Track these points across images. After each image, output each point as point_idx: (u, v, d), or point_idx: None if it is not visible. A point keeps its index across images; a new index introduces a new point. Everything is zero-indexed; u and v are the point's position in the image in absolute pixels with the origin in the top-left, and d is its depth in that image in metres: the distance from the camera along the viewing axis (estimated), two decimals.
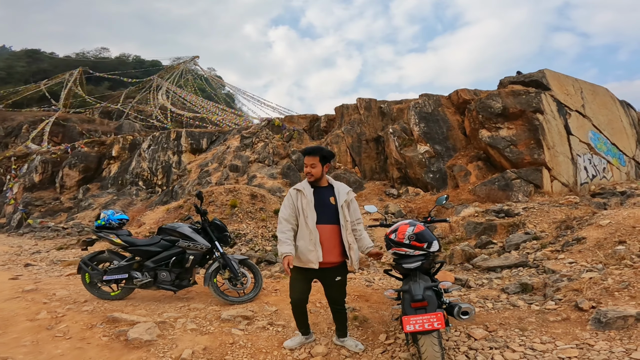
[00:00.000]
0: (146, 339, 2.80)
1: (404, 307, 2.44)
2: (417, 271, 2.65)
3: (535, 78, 10.69)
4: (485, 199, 8.71)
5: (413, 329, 2.26)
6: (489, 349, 2.68)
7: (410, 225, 2.78)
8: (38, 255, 8.36)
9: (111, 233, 4.10)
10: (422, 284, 2.48)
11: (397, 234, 2.74)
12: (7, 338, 3.00)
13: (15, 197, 17.37)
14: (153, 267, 3.92)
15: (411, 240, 2.67)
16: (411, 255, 2.68)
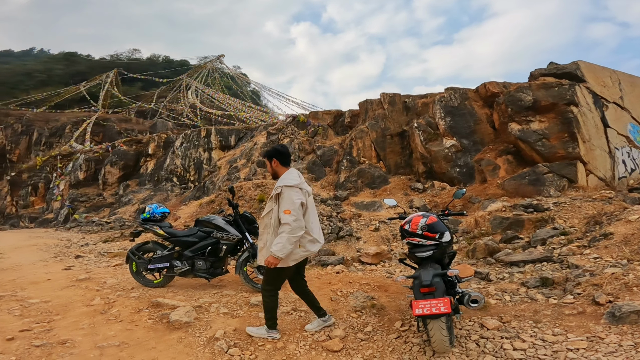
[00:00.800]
0: (185, 320, 3.16)
1: (414, 292, 2.64)
2: (429, 260, 2.83)
3: (569, 70, 10.29)
4: (514, 194, 8.56)
5: (421, 313, 2.46)
6: (500, 338, 2.81)
7: (424, 216, 2.97)
8: (86, 248, 9.15)
9: (155, 225, 4.53)
10: (431, 271, 2.68)
11: (410, 225, 2.95)
12: (67, 322, 3.44)
13: (62, 194, 18.78)
14: (191, 256, 4.32)
15: (423, 230, 2.87)
16: (423, 244, 2.87)
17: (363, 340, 3.03)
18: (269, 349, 2.81)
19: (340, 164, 13.77)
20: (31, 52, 74.51)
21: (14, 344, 2.93)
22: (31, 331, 3.18)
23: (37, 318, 3.51)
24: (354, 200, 11.45)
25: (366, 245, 7.76)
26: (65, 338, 3.00)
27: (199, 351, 2.71)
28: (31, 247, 9.76)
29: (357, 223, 9.07)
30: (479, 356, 2.63)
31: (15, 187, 21.49)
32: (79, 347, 2.83)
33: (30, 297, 4.27)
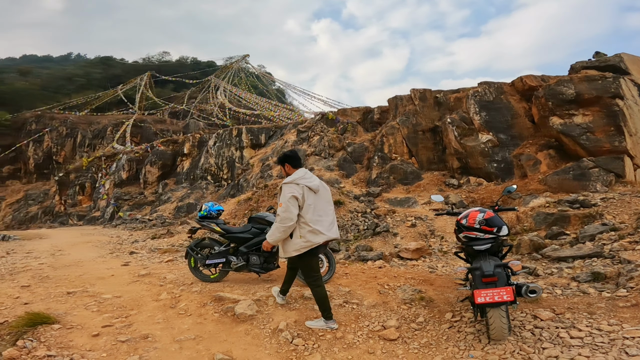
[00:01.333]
0: (249, 313, 3.41)
1: (475, 282, 2.79)
2: (486, 253, 2.95)
3: (612, 62, 9.91)
4: (557, 189, 8.35)
5: (484, 301, 2.60)
6: (555, 328, 2.91)
7: (480, 211, 3.10)
8: (137, 244, 9.77)
9: (212, 222, 4.85)
10: (492, 262, 2.82)
11: (467, 220, 3.08)
12: (143, 316, 3.70)
13: (107, 193, 19.98)
14: (246, 252, 4.59)
15: (481, 225, 3.00)
16: (481, 238, 2.99)
17: (417, 330, 3.18)
18: (329, 339, 3.01)
19: (371, 160, 13.83)
20: (69, 57, 79.08)
21: (101, 340, 3.12)
22: (113, 326, 3.40)
23: (115, 313, 3.80)
24: (387, 197, 11.50)
25: (403, 241, 7.84)
26: (146, 333, 3.22)
27: (266, 342, 2.95)
28: (86, 243, 10.51)
29: (393, 219, 9.14)
30: (535, 343, 2.75)
31: (63, 187, 23.02)
32: (160, 342, 3.05)
33: (101, 293, 4.60)
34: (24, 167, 29.32)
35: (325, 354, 2.81)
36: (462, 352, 2.81)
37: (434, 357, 2.79)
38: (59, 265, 6.90)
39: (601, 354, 2.49)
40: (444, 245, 7.11)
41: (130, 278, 5.51)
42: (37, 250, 9.27)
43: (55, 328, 3.40)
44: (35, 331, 3.37)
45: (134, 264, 7.01)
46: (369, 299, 3.83)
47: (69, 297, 4.52)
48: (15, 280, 5.66)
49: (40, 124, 30.11)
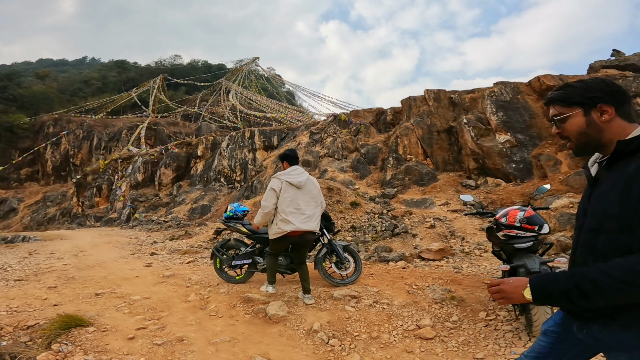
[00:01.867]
0: (281, 314, 3.44)
1: None
2: (527, 250, 2.94)
3: (632, 62, 9.76)
4: (580, 190, 8.19)
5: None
6: None
7: (521, 210, 3.11)
8: (156, 245, 9.91)
9: (238, 223, 4.89)
10: (536, 259, 2.81)
11: (507, 218, 3.07)
12: (175, 318, 3.69)
13: (124, 195, 20.31)
14: None
15: (522, 223, 2.99)
16: (522, 236, 2.98)
17: (452, 328, 3.18)
18: (365, 339, 3.02)
19: (385, 161, 13.78)
20: (84, 60, 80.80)
21: (137, 343, 3.11)
22: (146, 329, 3.41)
23: (146, 315, 3.81)
24: (403, 198, 11.44)
25: (423, 242, 7.79)
26: (180, 335, 3.21)
27: (302, 343, 2.96)
28: (107, 244, 10.70)
29: (410, 220, 9.09)
30: None
31: (80, 189, 23.46)
32: (195, 344, 3.05)
33: (130, 294, 4.63)
34: (42, 170, 30.00)
35: (363, 354, 2.82)
36: (503, 350, 2.81)
37: (475, 355, 2.79)
38: (82, 266, 7.03)
39: None
40: (465, 246, 7.04)
41: (155, 279, 5.58)
42: (59, 250, 9.46)
43: (90, 331, 3.39)
44: (70, 334, 3.36)
45: (156, 264, 7.10)
46: (398, 299, 3.82)
47: (97, 299, 4.57)
48: (41, 281, 5.75)
49: (58, 127, 30.78)
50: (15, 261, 7.77)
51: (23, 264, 7.42)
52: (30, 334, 3.60)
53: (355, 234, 8.89)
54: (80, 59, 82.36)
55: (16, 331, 3.68)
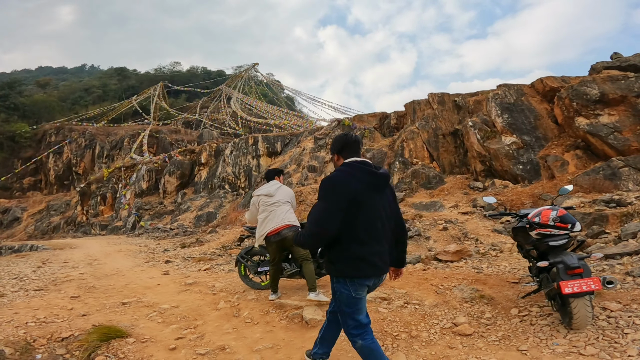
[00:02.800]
0: (318, 318, 3.50)
1: (559, 274, 2.90)
2: (561, 248, 3.09)
3: (633, 62, 9.94)
4: (589, 189, 8.33)
5: (572, 291, 2.74)
6: (628, 317, 3.02)
7: (553, 209, 3.23)
8: (168, 253, 9.94)
9: None
10: (575, 255, 2.96)
11: (541, 217, 3.18)
12: (211, 326, 3.68)
13: (129, 203, 20.32)
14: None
15: (555, 222, 3.11)
16: (556, 234, 3.10)
17: (488, 325, 3.27)
18: (405, 338, 3.09)
19: (392, 165, 13.89)
20: (83, 68, 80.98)
21: (180, 354, 3.09)
22: (185, 338, 3.40)
23: (181, 324, 3.80)
24: (411, 201, 11.53)
25: (437, 244, 7.88)
26: (221, 344, 3.21)
27: (345, 345, 3.01)
28: (118, 252, 10.72)
29: (422, 223, 9.18)
30: (615, 329, 2.88)
31: (85, 198, 23.47)
32: (239, 352, 3.04)
33: (157, 303, 4.62)
34: (45, 179, 29.98)
35: (408, 352, 2.89)
36: (544, 342, 2.90)
37: (518, 347, 2.88)
38: (100, 275, 7.04)
39: None
40: (480, 247, 7.13)
41: (178, 287, 5.60)
42: (72, 259, 9.47)
43: (130, 342, 3.37)
44: (110, 346, 3.34)
45: (173, 272, 7.12)
46: (428, 299, 3.90)
47: (126, 308, 4.56)
48: (61, 290, 5.73)
49: (60, 136, 30.82)
50: (29, 270, 7.76)
51: (39, 273, 7.41)
52: (66, 346, 3.57)
53: None
54: (80, 66, 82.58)
55: (50, 343, 3.64)
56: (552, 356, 2.71)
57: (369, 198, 2.15)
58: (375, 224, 2.16)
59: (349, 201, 2.09)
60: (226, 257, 8.67)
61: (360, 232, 2.13)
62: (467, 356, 2.80)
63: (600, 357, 2.59)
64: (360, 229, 2.13)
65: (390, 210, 2.30)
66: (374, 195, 2.18)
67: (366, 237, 2.13)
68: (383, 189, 2.26)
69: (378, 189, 2.21)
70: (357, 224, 2.12)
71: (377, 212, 2.18)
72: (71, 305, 4.78)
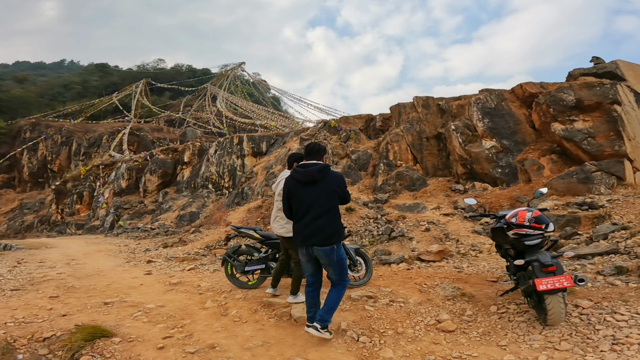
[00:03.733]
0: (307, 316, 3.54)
1: (535, 272, 3.08)
2: (536, 247, 3.28)
3: (609, 69, 10.39)
4: (563, 192, 8.70)
5: (545, 288, 2.92)
6: (599, 314, 3.20)
7: (529, 211, 3.41)
8: (150, 253, 9.76)
9: (250, 229, 4.97)
10: (548, 254, 3.14)
11: (517, 218, 3.35)
12: (200, 325, 3.66)
13: (107, 202, 19.79)
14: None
15: (531, 222, 3.30)
16: (531, 234, 3.28)
17: (470, 321, 3.42)
18: (392, 335, 3.19)
19: (376, 167, 14.07)
20: (62, 63, 78.13)
21: (169, 353, 3.05)
22: (174, 337, 3.36)
23: (168, 323, 3.76)
24: (395, 203, 11.73)
25: (420, 245, 8.07)
26: (211, 342, 3.19)
27: (335, 342, 3.09)
28: (98, 252, 10.45)
29: (405, 224, 9.36)
30: (587, 326, 3.05)
31: (60, 196, 22.69)
32: (230, 350, 3.04)
33: (142, 303, 4.55)
34: (19, 176, 28.80)
35: (395, 348, 2.98)
36: (521, 337, 3.06)
37: (498, 343, 3.02)
38: (80, 275, 6.87)
39: None
40: (461, 248, 7.35)
41: (163, 287, 5.52)
42: (49, 259, 9.18)
43: (116, 342, 3.32)
44: (95, 345, 3.28)
45: (156, 272, 7.02)
46: (413, 297, 4.02)
47: (109, 308, 4.48)
48: (39, 290, 5.56)
49: (36, 132, 29.69)
50: (5, 270, 7.49)
51: (14, 272, 7.17)
52: (48, 346, 3.51)
53: (353, 239, 9.07)
54: (59, 62, 79.68)
55: (31, 343, 3.56)
56: (530, 351, 2.85)
57: (296, 190, 3.25)
58: (299, 208, 3.23)
59: (286, 194, 3.33)
60: (211, 257, 8.60)
61: (293, 214, 3.32)
62: (450, 351, 2.91)
63: (575, 352, 2.74)
64: (293, 212, 3.31)
65: (318, 197, 3.19)
66: (302, 188, 3.22)
67: (296, 217, 3.28)
68: (311, 183, 3.20)
69: (306, 183, 3.21)
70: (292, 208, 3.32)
71: (302, 199, 3.22)
72: (50, 305, 4.67)
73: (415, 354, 2.91)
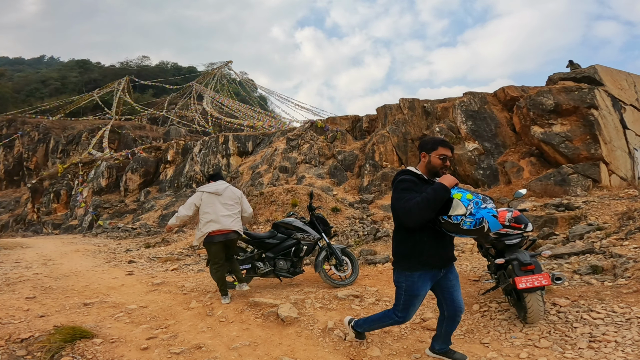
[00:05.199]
0: (294, 316, 3.53)
1: (514, 271, 3.16)
2: (516, 246, 3.36)
3: (587, 74, 10.75)
4: (541, 194, 8.97)
5: (525, 286, 2.98)
6: (576, 312, 3.30)
7: (508, 211, 3.48)
8: (132, 253, 9.52)
9: None
10: (527, 253, 3.23)
11: None
12: (185, 326, 3.60)
13: (86, 201, 19.20)
14: (273, 257, 4.69)
15: (511, 222, 3.38)
16: (511, 234, 3.37)
17: None
18: (378, 333, 3.20)
19: (362, 168, 14.17)
20: (42, 59, 75.43)
21: (154, 354, 3.00)
22: (157, 338, 3.30)
23: (151, 324, 3.68)
24: (381, 203, 11.83)
25: None
26: (197, 343, 3.15)
27: (322, 341, 3.08)
28: (75, 252, 10.12)
29: (390, 225, 9.45)
30: (565, 324, 3.14)
31: (36, 194, 21.90)
32: (216, 351, 3.01)
33: (124, 303, 4.46)
34: None
35: (382, 347, 3.00)
36: (503, 335, 3.13)
37: (481, 340, 3.07)
38: (57, 275, 6.66)
39: (625, 329, 2.91)
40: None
41: (145, 287, 5.41)
42: (25, 259, 8.84)
43: (97, 342, 3.24)
44: (75, 347, 3.19)
45: (138, 273, 6.87)
46: None
47: (88, 309, 4.37)
48: (15, 291, 5.40)
49: (12, 129, 28.54)
50: None
51: None
52: (26, 347, 3.40)
53: (339, 239, 9.09)
54: (38, 57, 76.89)
55: (9, 344, 3.45)
56: (512, 348, 2.92)
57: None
58: None
59: None
60: (195, 257, 8.47)
61: None
62: None
63: (554, 350, 2.82)
64: None
65: None
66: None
67: None
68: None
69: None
70: None
71: None
72: (27, 306, 4.53)
73: (401, 351, 2.94)
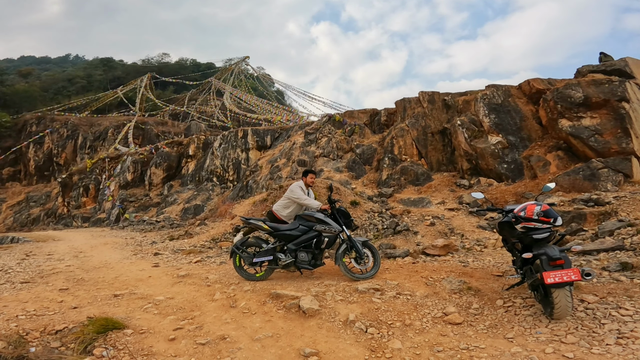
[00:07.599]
0: (315, 308, 3.59)
1: (542, 266, 3.09)
2: (544, 240, 3.27)
3: (618, 67, 10.29)
4: (569, 189, 8.67)
5: (554, 281, 2.93)
6: (604, 308, 3.23)
7: (537, 204, 3.41)
8: (157, 246, 9.85)
9: (259, 220, 5.00)
10: (556, 248, 3.13)
11: (526, 212, 3.36)
12: (209, 317, 3.70)
13: (113, 195, 19.93)
14: (294, 249, 4.75)
15: (539, 216, 3.30)
16: (539, 228, 3.29)
17: (476, 314, 3.45)
18: (399, 326, 3.23)
19: (381, 162, 14.07)
20: (67, 58, 78.36)
21: (181, 344, 3.09)
22: (184, 329, 3.40)
23: (178, 315, 3.80)
24: (400, 197, 11.74)
25: (424, 239, 8.09)
26: (221, 334, 3.24)
27: (343, 333, 3.13)
28: (104, 245, 10.57)
29: (410, 219, 9.38)
30: (593, 320, 3.08)
31: (66, 189, 22.88)
32: (240, 342, 3.08)
33: (151, 295, 4.60)
34: (24, 169, 29.04)
35: (403, 339, 3.02)
36: (528, 330, 3.09)
37: (505, 335, 3.05)
38: (88, 267, 6.95)
39: None
40: (466, 243, 7.37)
41: (170, 279, 5.58)
42: (57, 252, 9.30)
43: (128, 334, 3.36)
44: (107, 338, 3.31)
45: (163, 265, 7.08)
46: (419, 290, 4.05)
47: (119, 300, 4.53)
48: (49, 283, 5.61)
49: (41, 126, 29.87)
50: (14, 263, 7.61)
51: (23, 265, 7.28)
52: (60, 339, 3.54)
53: (358, 232, 9.11)
54: (64, 56, 79.93)
55: (44, 336, 3.59)
56: (537, 343, 2.88)
57: None
58: None
59: None
60: (217, 249, 8.67)
61: None
62: (458, 343, 2.95)
63: (581, 345, 2.77)
64: None
65: None
66: None
67: None
68: None
69: None
70: None
71: None
72: (61, 298, 4.73)
73: (423, 345, 2.95)
